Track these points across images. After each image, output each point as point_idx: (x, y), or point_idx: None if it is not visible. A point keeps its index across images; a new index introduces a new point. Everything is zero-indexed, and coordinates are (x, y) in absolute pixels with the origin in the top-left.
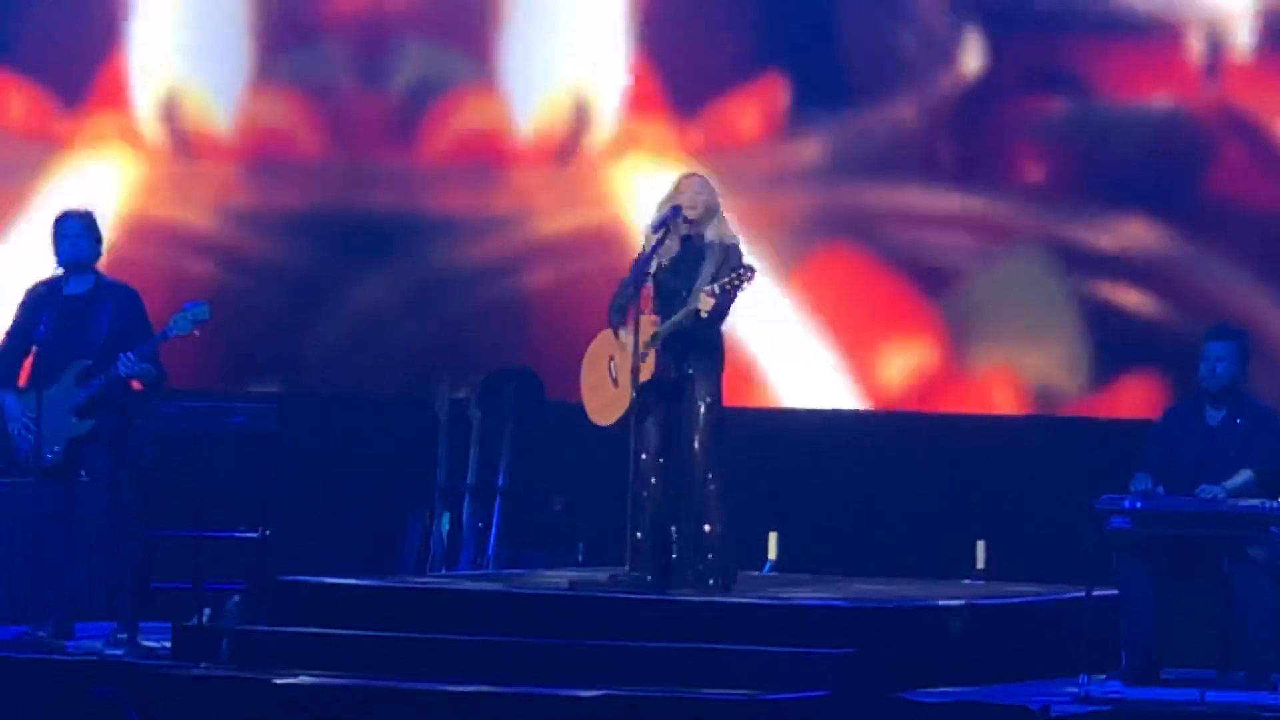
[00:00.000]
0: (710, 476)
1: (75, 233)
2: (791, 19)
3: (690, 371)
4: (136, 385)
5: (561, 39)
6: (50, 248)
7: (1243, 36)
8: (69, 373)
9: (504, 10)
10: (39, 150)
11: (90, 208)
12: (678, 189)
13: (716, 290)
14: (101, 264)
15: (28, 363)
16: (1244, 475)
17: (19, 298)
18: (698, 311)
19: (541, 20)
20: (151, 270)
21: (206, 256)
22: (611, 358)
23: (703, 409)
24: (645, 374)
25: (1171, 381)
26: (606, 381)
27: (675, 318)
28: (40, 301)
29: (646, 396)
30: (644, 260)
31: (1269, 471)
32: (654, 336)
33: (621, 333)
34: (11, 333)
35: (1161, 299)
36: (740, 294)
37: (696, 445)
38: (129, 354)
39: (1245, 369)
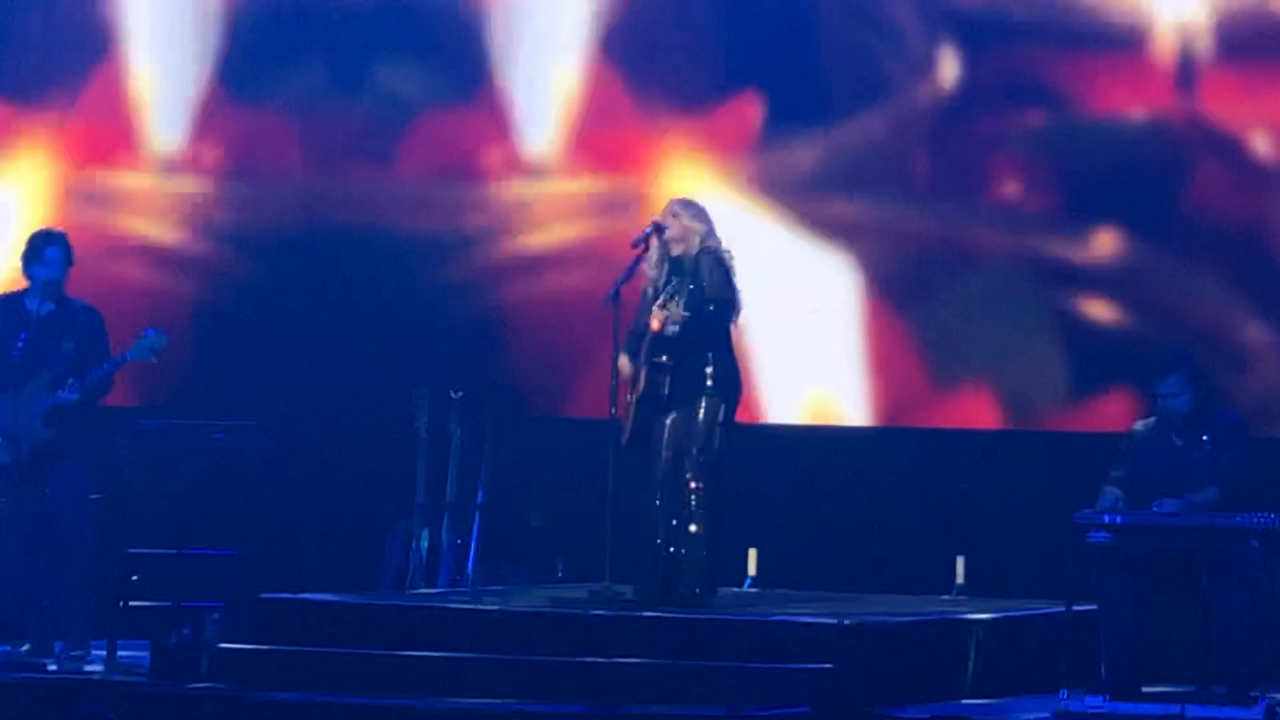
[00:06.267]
0: (694, 492)
1: (55, 259)
2: (767, 35)
3: (687, 388)
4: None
5: (538, 56)
6: (22, 264)
7: (1214, 50)
8: (35, 382)
9: (480, 27)
10: (14, 167)
11: (62, 230)
12: (664, 211)
13: (666, 318)
14: (76, 282)
15: None
16: (1208, 492)
17: None
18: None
19: (517, 38)
20: (127, 288)
21: (184, 274)
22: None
23: (701, 425)
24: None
25: (1148, 395)
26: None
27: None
28: (9, 317)
29: (647, 414)
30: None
31: (1233, 484)
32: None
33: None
34: None
35: (1138, 312)
36: (678, 328)
37: (687, 463)
38: (73, 380)
39: (1203, 386)
